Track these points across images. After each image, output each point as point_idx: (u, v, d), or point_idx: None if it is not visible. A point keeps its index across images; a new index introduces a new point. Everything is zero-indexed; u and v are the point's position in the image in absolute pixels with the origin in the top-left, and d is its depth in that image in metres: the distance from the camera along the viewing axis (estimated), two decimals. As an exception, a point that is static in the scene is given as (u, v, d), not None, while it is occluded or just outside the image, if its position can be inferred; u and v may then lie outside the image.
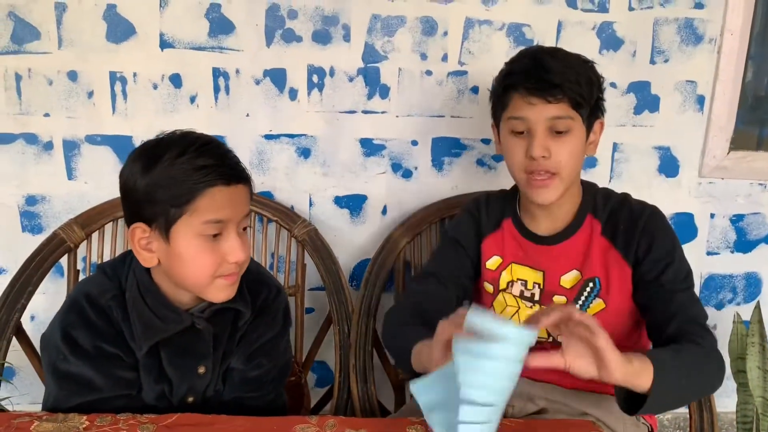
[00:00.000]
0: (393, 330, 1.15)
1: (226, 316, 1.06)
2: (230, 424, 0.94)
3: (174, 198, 0.91)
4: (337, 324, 1.40)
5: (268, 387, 1.11)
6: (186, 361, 1.04)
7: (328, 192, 1.62)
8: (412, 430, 0.95)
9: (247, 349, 1.09)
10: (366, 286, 1.44)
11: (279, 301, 1.13)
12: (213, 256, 0.95)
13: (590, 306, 1.17)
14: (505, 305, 1.23)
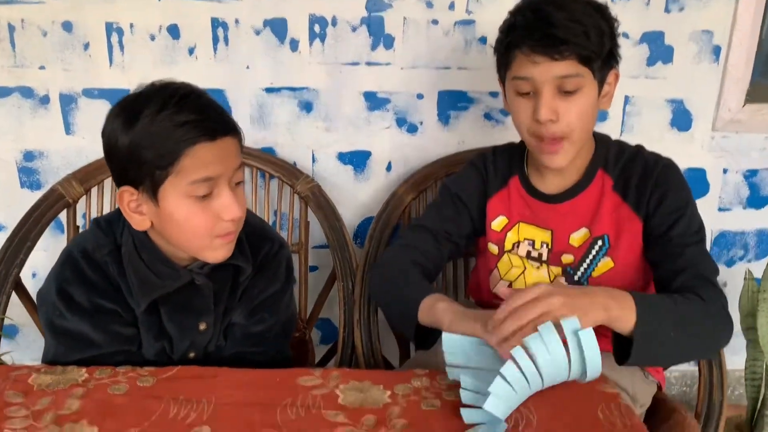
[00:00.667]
0: (393, 277, 1.13)
1: (226, 271, 1.03)
2: (232, 377, 0.92)
3: (157, 159, 0.87)
4: (341, 280, 1.38)
5: (270, 342, 1.09)
6: (186, 318, 1.02)
7: (331, 148, 1.58)
8: (416, 382, 0.93)
9: (249, 304, 1.06)
10: (370, 242, 1.41)
11: (281, 255, 1.10)
12: (206, 216, 0.92)
13: (598, 265, 1.14)
14: (511, 266, 1.20)
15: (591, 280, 1.15)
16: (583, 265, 1.15)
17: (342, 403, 0.87)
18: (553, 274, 1.17)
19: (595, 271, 1.14)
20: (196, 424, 0.82)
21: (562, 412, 0.85)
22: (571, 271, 1.16)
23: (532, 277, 1.19)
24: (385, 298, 1.16)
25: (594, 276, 1.15)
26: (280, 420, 0.83)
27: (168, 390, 0.89)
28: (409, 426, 0.83)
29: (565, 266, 1.16)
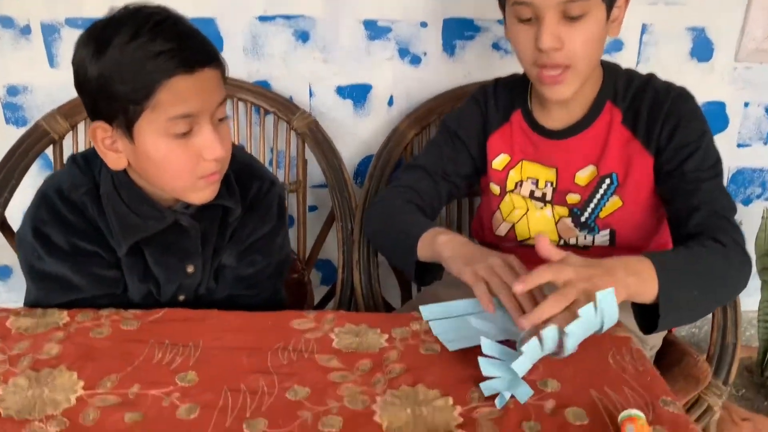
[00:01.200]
0: (389, 216, 1.07)
1: (214, 212, 0.97)
2: (222, 320, 0.88)
3: (130, 93, 0.79)
4: (339, 220, 1.32)
5: (263, 285, 1.04)
6: (172, 261, 0.97)
7: (329, 81, 1.50)
8: (415, 325, 0.88)
9: (239, 246, 1.01)
10: (370, 181, 1.35)
11: (272, 194, 1.04)
12: (187, 155, 0.84)
13: (606, 204, 1.08)
14: (513, 207, 1.14)
15: (599, 221, 1.09)
16: (590, 205, 1.09)
17: (336, 347, 0.83)
18: (558, 215, 1.11)
19: (603, 211, 1.08)
20: (181, 369, 0.78)
21: (571, 358, 0.80)
22: (577, 211, 1.10)
23: (536, 218, 1.12)
24: (382, 238, 1.10)
25: (602, 217, 1.08)
26: (270, 365, 0.79)
27: (153, 334, 0.84)
28: (406, 371, 0.79)
29: (570, 207, 1.10)
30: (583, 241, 1.12)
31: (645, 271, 0.83)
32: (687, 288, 0.86)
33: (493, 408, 0.73)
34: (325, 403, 0.73)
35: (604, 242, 1.11)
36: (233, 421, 0.70)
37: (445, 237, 0.94)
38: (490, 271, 0.83)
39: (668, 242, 1.16)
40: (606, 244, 1.11)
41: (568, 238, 1.12)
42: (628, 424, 0.68)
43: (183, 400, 0.73)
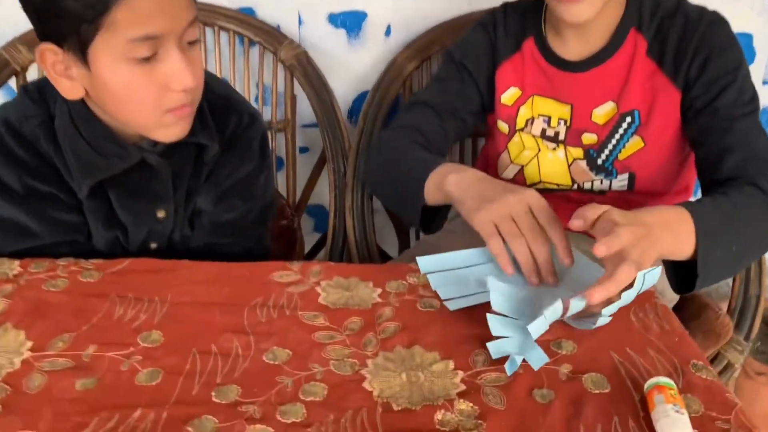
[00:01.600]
0: (390, 159, 0.96)
1: (186, 150, 0.86)
2: (194, 271, 0.78)
3: (81, 9, 0.67)
4: (331, 162, 1.21)
5: (244, 232, 0.94)
6: (141, 204, 0.86)
7: (320, 7, 1.35)
8: (412, 278, 0.78)
9: (217, 188, 0.90)
10: (365, 119, 1.23)
11: (253, 130, 0.92)
12: (151, 85, 0.73)
13: (626, 145, 0.97)
14: (523, 148, 1.03)
15: (617, 164, 0.98)
16: (608, 146, 0.98)
17: (323, 302, 0.73)
18: (572, 156, 1.00)
19: (622, 152, 0.97)
20: (144, 328, 0.68)
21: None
22: (593, 153, 0.99)
23: (547, 160, 1.02)
24: (383, 184, 0.99)
25: (620, 159, 0.98)
26: (247, 323, 0.69)
27: (115, 286, 0.75)
28: (401, 330, 0.69)
29: (586, 148, 0.99)
30: (599, 185, 1.01)
31: (683, 227, 0.73)
32: (727, 243, 0.76)
33: (500, 373, 0.63)
34: (308, 367, 0.64)
35: (621, 187, 1.01)
36: (201, 388, 0.61)
37: (456, 176, 0.82)
38: (505, 217, 0.73)
39: (689, 187, 1.06)
40: (624, 188, 1.01)
41: (583, 182, 1.01)
42: (656, 394, 0.58)
43: (144, 363, 0.64)
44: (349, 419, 0.57)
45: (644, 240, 0.66)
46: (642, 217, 0.70)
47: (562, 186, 1.03)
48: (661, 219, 0.71)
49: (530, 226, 0.72)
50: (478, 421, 0.58)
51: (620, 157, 0.98)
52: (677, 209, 0.74)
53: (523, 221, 0.72)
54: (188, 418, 0.57)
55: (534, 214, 0.73)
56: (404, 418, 0.58)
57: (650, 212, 0.72)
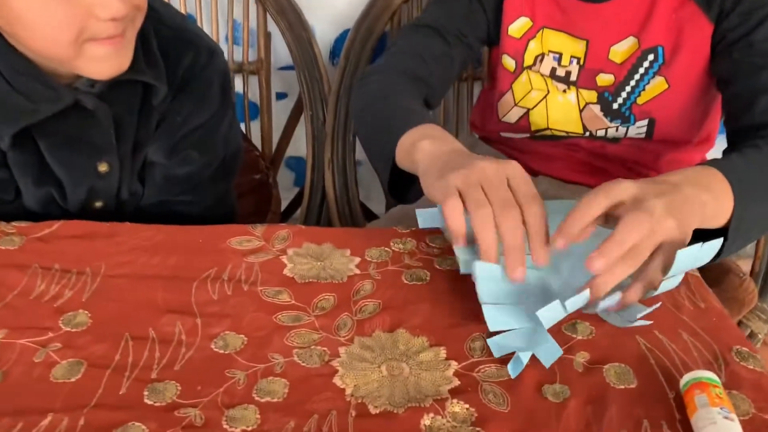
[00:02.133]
0: (376, 97, 0.81)
1: (130, 91, 0.73)
2: (135, 235, 0.65)
3: None
4: (309, 108, 1.07)
5: (204, 189, 0.81)
6: (77, 156, 0.73)
7: (297, -68, 1.19)
8: (398, 245, 0.66)
9: (169, 138, 0.77)
10: (347, 59, 1.08)
11: (212, 68, 0.78)
12: (68, 10, 0.59)
13: (647, 87, 0.84)
14: (530, 88, 0.89)
15: (635, 108, 0.85)
16: (625, 89, 0.85)
17: (288, 275, 0.61)
18: (584, 100, 0.87)
19: (642, 95, 0.84)
20: (69, 307, 0.56)
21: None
22: (608, 96, 0.86)
23: (556, 104, 0.89)
24: (363, 126, 0.84)
25: (640, 103, 0.85)
26: (194, 301, 0.57)
27: (39, 255, 0.62)
28: (382, 309, 0.57)
29: (600, 90, 0.86)
30: (613, 133, 0.88)
31: (717, 185, 0.60)
32: (762, 201, 0.64)
33: (502, 365, 0.52)
34: (266, 357, 0.52)
35: (639, 134, 0.88)
36: (131, 385, 0.49)
37: (429, 143, 0.64)
38: (472, 184, 0.56)
39: (711, 137, 0.93)
40: (642, 136, 0.88)
41: (595, 129, 0.88)
42: (697, 393, 0.47)
43: (64, 353, 0.51)
44: (314, 427, 0.46)
45: (670, 195, 0.53)
46: (665, 178, 0.57)
47: (571, 134, 0.90)
48: (689, 177, 0.58)
49: (503, 198, 0.55)
50: (476, 428, 0.46)
51: (639, 101, 0.85)
52: (703, 166, 0.61)
53: (496, 191, 0.55)
54: (110, 427, 0.45)
55: (511, 188, 0.56)
56: (383, 424, 0.46)
57: (673, 173, 0.58)
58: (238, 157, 0.86)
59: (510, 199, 0.55)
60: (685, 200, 0.55)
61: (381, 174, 0.72)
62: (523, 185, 0.56)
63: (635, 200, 0.53)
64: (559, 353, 0.52)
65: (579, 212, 0.53)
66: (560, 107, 0.88)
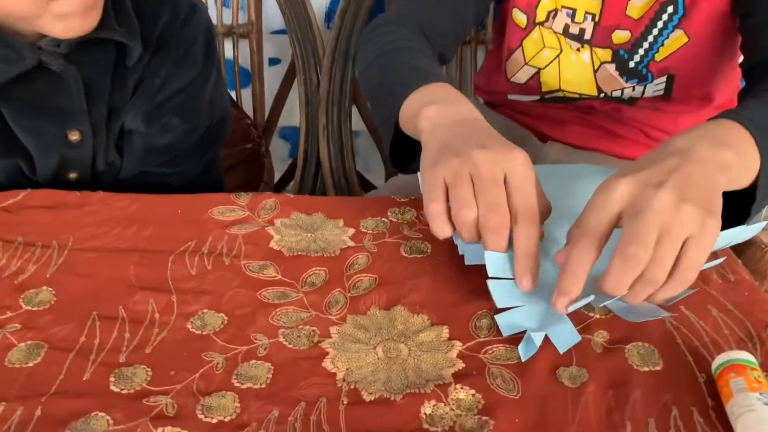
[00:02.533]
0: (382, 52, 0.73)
1: (101, 52, 0.67)
2: (108, 206, 0.60)
3: None
4: (302, 73, 1.01)
5: (187, 159, 0.76)
6: (45, 123, 0.67)
7: None
8: (395, 215, 0.60)
9: (147, 103, 0.71)
10: (342, 19, 1.02)
11: (194, 25, 0.72)
12: None
13: (665, 42, 0.78)
14: (542, 46, 0.82)
15: (653, 66, 0.79)
16: (643, 45, 0.79)
17: (275, 247, 0.55)
18: (599, 59, 0.81)
19: (661, 51, 0.78)
20: (31, 284, 0.51)
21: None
22: (624, 54, 0.80)
23: (569, 63, 0.82)
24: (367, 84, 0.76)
25: (658, 60, 0.79)
26: (170, 277, 0.52)
27: (2, 226, 0.56)
28: (378, 285, 0.52)
29: (616, 48, 0.80)
30: (630, 92, 0.82)
31: (738, 141, 0.50)
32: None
33: (511, 345, 0.46)
34: (249, 338, 0.46)
35: (657, 92, 0.82)
36: (96, 370, 0.43)
37: (435, 109, 0.56)
38: (461, 177, 0.48)
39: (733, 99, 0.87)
40: (660, 93, 0.82)
41: (611, 90, 0.82)
42: (732, 377, 0.42)
43: (23, 334, 0.46)
44: (301, 416, 0.41)
45: (678, 172, 0.45)
46: (671, 145, 0.48)
47: (585, 95, 0.84)
48: (701, 136, 0.49)
49: (491, 202, 0.47)
50: (482, 418, 0.41)
51: (657, 58, 0.79)
52: (716, 120, 0.52)
53: (484, 191, 0.48)
54: (70, 417, 0.40)
55: (508, 188, 0.48)
56: (379, 412, 0.41)
57: (681, 135, 0.50)
58: (226, 123, 0.80)
59: (498, 204, 0.47)
60: (701, 169, 0.45)
61: (384, 137, 0.65)
62: (520, 192, 0.48)
63: (633, 204, 0.44)
64: (577, 339, 0.46)
65: (573, 269, 0.44)
66: (573, 67, 0.82)
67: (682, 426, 0.41)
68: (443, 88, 0.59)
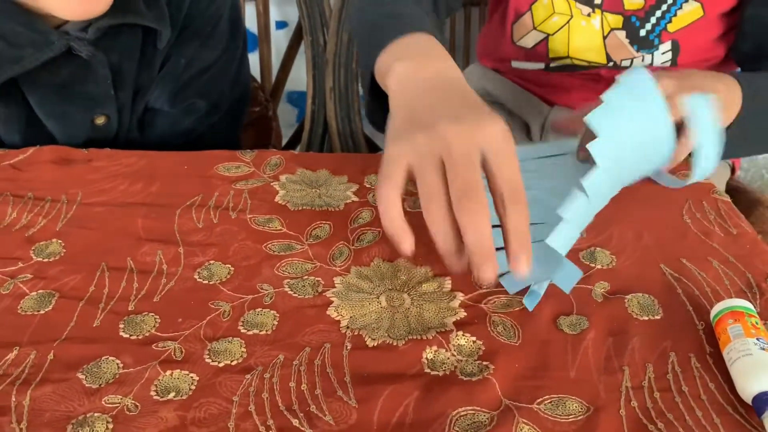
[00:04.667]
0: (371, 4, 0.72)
1: (129, 37, 0.66)
2: (115, 162, 0.60)
3: None
4: (309, 34, 1.00)
5: (210, 137, 0.76)
6: (72, 109, 0.66)
7: None
8: (399, 170, 0.60)
9: (174, 81, 0.71)
10: (349, -21, 1.01)
11: (219, 3, 0.72)
12: None
13: (678, 13, 0.76)
14: (552, 12, 0.81)
15: (665, 36, 0.77)
16: (656, 13, 0.77)
17: (280, 202, 0.56)
18: (609, 25, 0.79)
19: (674, 23, 0.76)
20: (42, 236, 0.52)
21: (628, 216, 0.54)
22: (636, 21, 0.78)
23: (579, 29, 0.81)
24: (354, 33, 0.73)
25: (671, 30, 0.77)
26: (177, 229, 0.53)
27: (11, 182, 0.57)
28: (382, 238, 0.52)
29: (628, 14, 0.78)
30: (639, 62, 0.81)
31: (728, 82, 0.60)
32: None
33: (512, 297, 0.47)
34: (255, 288, 0.47)
35: (664, 62, 0.81)
36: (106, 317, 0.44)
37: (405, 66, 0.49)
38: (428, 159, 0.42)
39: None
40: (667, 65, 0.81)
41: (620, 59, 0.81)
42: (730, 324, 0.42)
43: (34, 284, 0.47)
44: (306, 360, 0.42)
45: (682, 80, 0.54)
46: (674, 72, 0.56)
47: (593, 63, 0.82)
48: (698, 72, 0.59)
49: (463, 183, 0.40)
50: (483, 363, 0.42)
51: (670, 29, 0.77)
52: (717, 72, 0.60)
53: (456, 172, 0.41)
54: (81, 361, 0.41)
55: (488, 167, 0.42)
56: (381, 357, 0.42)
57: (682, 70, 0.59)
58: (247, 100, 0.80)
59: (473, 185, 0.40)
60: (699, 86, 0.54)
61: (363, 85, 0.59)
62: (503, 170, 0.41)
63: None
64: (579, 275, 0.47)
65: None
66: (583, 33, 0.81)
67: (680, 371, 0.41)
68: (422, 39, 0.52)
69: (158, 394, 0.39)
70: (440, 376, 0.41)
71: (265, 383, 0.40)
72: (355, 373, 0.41)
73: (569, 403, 0.39)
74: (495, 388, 0.40)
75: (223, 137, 0.78)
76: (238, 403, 0.39)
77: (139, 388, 0.40)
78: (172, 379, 0.40)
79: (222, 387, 0.40)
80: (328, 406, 0.39)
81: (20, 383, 0.40)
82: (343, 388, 0.40)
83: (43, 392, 0.39)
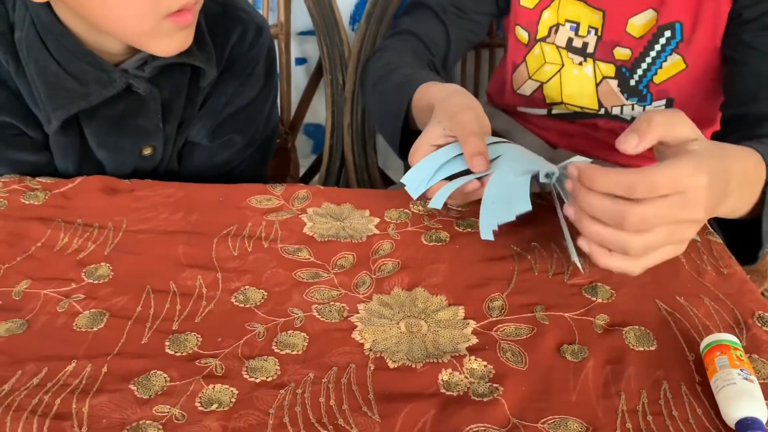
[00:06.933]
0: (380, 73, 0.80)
1: (180, 75, 0.71)
2: (156, 192, 0.66)
3: None
4: (329, 73, 1.06)
5: (242, 171, 0.81)
6: (123, 140, 0.71)
7: None
8: (418, 206, 0.65)
9: (214, 118, 0.76)
10: (368, 22, 1.07)
11: (259, 46, 0.77)
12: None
13: (663, 65, 0.81)
14: (543, 62, 0.87)
15: (653, 87, 0.82)
16: (642, 65, 0.82)
17: (308, 233, 0.61)
18: (602, 74, 0.85)
19: (660, 74, 0.81)
20: (91, 260, 0.57)
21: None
22: (626, 71, 0.83)
23: (572, 78, 0.86)
24: (371, 105, 0.83)
25: (657, 82, 0.82)
26: (216, 256, 0.58)
27: (62, 209, 0.62)
28: (401, 268, 0.57)
29: (618, 64, 0.83)
30: (629, 111, 0.86)
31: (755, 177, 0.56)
32: None
33: (521, 325, 0.52)
34: (286, 312, 0.52)
35: None
36: (153, 335, 0.49)
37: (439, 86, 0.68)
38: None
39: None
40: None
41: (611, 106, 0.86)
42: (717, 355, 0.47)
43: (87, 303, 0.52)
44: (333, 379, 0.46)
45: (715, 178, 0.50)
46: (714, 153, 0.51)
47: (587, 109, 0.87)
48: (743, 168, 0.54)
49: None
50: (493, 385, 0.46)
51: (656, 80, 0.82)
52: (746, 150, 0.56)
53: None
54: (133, 374, 0.46)
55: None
56: (401, 378, 0.47)
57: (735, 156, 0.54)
58: (275, 135, 0.85)
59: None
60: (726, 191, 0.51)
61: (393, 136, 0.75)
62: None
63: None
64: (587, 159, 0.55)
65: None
66: (575, 81, 0.86)
67: (671, 397, 0.46)
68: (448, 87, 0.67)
69: (202, 405, 0.44)
70: (455, 396, 0.45)
71: (297, 398, 0.45)
72: (378, 392, 0.45)
73: (570, 424, 0.44)
74: (504, 408, 0.44)
75: (253, 170, 0.83)
76: (274, 415, 0.43)
77: (185, 400, 0.44)
78: (215, 392, 0.45)
79: (259, 401, 0.44)
80: (354, 420, 0.43)
81: (79, 392, 0.44)
82: (367, 405, 0.44)
83: (100, 401, 0.44)
